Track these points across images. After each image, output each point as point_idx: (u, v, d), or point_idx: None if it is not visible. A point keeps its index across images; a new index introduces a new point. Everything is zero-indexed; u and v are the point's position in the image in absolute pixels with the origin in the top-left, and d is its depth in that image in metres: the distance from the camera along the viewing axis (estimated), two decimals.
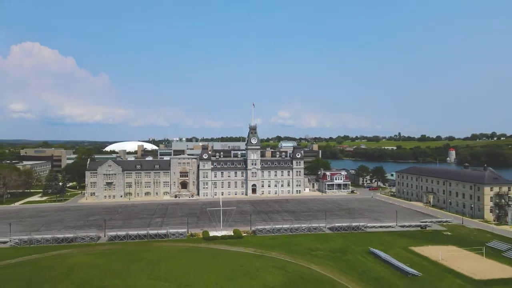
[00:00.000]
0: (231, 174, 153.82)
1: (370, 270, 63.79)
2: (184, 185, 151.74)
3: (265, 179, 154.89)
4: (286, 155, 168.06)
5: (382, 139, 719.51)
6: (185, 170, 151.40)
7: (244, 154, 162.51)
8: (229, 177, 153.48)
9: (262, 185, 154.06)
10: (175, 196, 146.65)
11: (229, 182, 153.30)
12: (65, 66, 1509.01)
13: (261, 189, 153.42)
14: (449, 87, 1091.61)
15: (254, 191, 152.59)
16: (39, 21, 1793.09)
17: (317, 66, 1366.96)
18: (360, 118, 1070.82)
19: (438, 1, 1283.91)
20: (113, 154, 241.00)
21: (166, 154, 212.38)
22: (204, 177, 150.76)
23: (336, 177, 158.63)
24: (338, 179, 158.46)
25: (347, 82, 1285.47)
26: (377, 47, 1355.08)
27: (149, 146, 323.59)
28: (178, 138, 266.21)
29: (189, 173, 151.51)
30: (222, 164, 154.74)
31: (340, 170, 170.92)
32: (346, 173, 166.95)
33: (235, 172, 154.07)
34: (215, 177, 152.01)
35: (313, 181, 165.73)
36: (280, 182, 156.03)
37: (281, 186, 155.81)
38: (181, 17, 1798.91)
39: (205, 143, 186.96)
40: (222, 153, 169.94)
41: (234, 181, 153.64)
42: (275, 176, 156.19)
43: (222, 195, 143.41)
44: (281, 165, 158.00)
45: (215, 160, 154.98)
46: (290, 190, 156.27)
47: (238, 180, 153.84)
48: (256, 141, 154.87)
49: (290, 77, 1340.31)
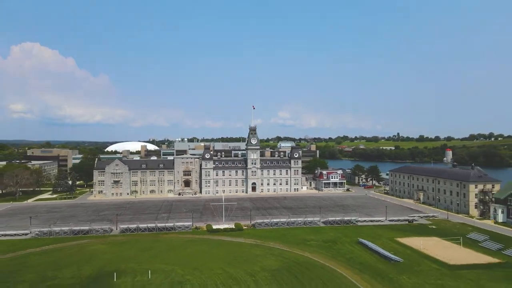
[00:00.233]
0: (232, 173, 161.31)
1: (357, 257, 71.32)
2: (187, 184, 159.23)
3: (265, 178, 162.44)
4: (285, 155, 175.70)
5: (381, 140, 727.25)
6: (188, 169, 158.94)
7: (244, 154, 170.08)
8: (230, 176, 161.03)
9: (262, 184, 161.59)
10: (179, 194, 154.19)
11: (230, 181, 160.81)
12: (65, 67, 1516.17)
13: (261, 187, 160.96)
14: (449, 88, 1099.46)
15: (254, 189, 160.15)
16: (39, 22, 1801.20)
17: (317, 67, 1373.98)
18: (360, 119, 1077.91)
19: (436, 2, 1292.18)
20: (118, 154, 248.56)
21: (169, 154, 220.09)
22: (206, 176, 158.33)
23: (332, 176, 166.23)
24: (334, 178, 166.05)
25: (347, 83, 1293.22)
26: (377, 48, 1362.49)
27: (150, 147, 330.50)
28: (180, 139, 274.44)
29: (192, 172, 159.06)
30: (224, 164, 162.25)
31: (336, 170, 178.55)
32: (342, 172, 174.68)
33: (236, 171, 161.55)
34: (217, 176, 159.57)
35: (310, 180, 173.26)
36: (279, 181, 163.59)
37: (280, 184, 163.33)
38: (181, 18, 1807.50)
39: (207, 144, 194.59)
40: (223, 153, 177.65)
41: (235, 180, 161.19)
42: (274, 175, 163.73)
43: (224, 193, 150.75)
44: (280, 165, 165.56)
45: (217, 160, 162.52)
46: (288, 188, 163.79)
47: (239, 179, 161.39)
48: (256, 142, 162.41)
49: (290, 78, 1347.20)
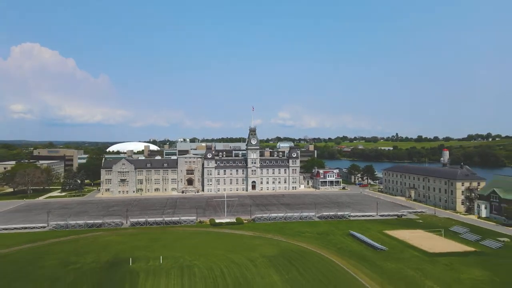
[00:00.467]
0: (233, 172, 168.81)
1: (347, 246, 78.82)
2: (190, 182, 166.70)
3: (264, 177, 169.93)
4: (283, 155, 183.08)
5: (380, 140, 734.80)
6: (191, 168, 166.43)
7: (245, 154, 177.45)
8: (231, 175, 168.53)
9: (261, 182, 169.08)
10: (182, 192, 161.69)
11: (231, 179, 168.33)
12: (66, 67, 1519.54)
13: (260, 186, 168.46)
14: (449, 88, 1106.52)
15: (254, 187, 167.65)
16: (39, 22, 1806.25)
17: (317, 67, 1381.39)
18: (360, 119, 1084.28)
19: (434, 3, 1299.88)
20: (122, 154, 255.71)
21: (171, 154, 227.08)
22: (208, 175, 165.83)
23: (329, 175, 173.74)
24: (331, 177, 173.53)
25: (348, 84, 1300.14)
26: (377, 48, 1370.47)
27: (152, 147, 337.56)
28: (182, 139, 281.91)
29: (195, 171, 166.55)
30: (225, 163, 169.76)
31: (333, 169, 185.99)
32: (338, 171, 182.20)
33: (237, 170, 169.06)
34: (218, 175, 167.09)
35: (308, 179, 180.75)
36: (278, 179, 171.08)
37: (278, 183, 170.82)
38: (181, 18, 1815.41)
39: (209, 144, 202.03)
40: (224, 153, 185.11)
41: (236, 178, 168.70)
42: (273, 174, 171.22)
43: (225, 191, 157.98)
44: (279, 164, 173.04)
45: (218, 159, 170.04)
46: (287, 187, 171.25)
47: (239, 177, 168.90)
48: (256, 142, 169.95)
49: (290, 78, 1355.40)
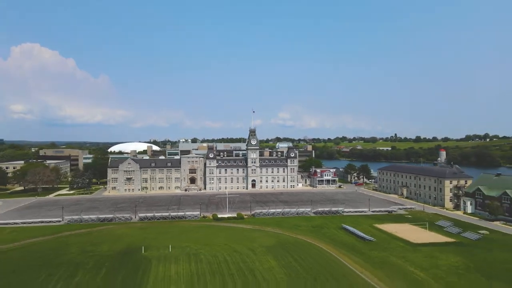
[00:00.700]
0: (234, 171, 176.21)
1: (339, 238, 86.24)
2: (193, 180, 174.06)
3: (263, 175, 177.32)
4: (282, 155, 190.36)
5: (379, 140, 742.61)
6: (194, 167, 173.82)
7: (245, 154, 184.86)
8: (232, 174, 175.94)
9: (261, 181, 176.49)
10: (185, 190, 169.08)
11: (232, 178, 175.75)
12: (66, 67, 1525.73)
13: (260, 184, 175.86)
14: (449, 89, 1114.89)
15: (254, 186, 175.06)
16: (39, 23, 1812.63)
17: (318, 68, 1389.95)
18: (360, 120, 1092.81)
19: (434, 3, 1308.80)
20: (125, 155, 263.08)
21: (174, 154, 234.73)
22: (210, 174, 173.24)
23: (325, 174, 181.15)
24: (327, 176, 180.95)
25: (348, 84, 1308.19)
26: (377, 48, 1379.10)
27: (154, 147, 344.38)
28: (184, 139, 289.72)
29: (197, 170, 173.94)
30: (226, 162, 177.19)
31: (329, 168, 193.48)
32: (335, 171, 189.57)
33: (237, 169, 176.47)
34: (220, 174, 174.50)
35: (306, 177, 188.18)
36: (276, 178, 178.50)
37: (277, 182, 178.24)
38: (182, 19, 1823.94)
39: (211, 144, 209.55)
40: (225, 153, 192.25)
41: (236, 177, 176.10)
42: (272, 173, 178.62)
43: (226, 189, 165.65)
44: (277, 163, 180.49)
45: (220, 159, 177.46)
46: (285, 185, 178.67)
47: (240, 176, 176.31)
48: (256, 142, 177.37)
49: (290, 79, 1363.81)
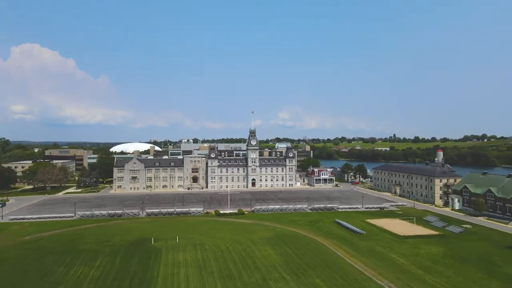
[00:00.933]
0: (234, 170, 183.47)
1: (332, 231, 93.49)
2: (195, 179, 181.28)
3: (263, 175, 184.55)
4: (281, 155, 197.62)
5: (378, 141, 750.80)
6: (196, 167, 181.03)
7: (245, 154, 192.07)
8: (233, 173, 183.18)
9: (260, 179, 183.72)
10: (188, 188, 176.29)
11: (233, 177, 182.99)
12: (66, 68, 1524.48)
13: (260, 183, 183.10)
14: (449, 89, 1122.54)
15: (254, 184, 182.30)
16: (39, 23, 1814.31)
17: (318, 69, 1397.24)
18: (360, 120, 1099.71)
19: (432, 5, 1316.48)
20: (128, 154, 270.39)
21: (176, 154, 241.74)
22: (212, 173, 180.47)
23: (323, 173, 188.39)
24: (324, 175, 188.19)
25: (348, 84, 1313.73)
26: (378, 49, 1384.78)
27: (149, 147, 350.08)
28: (186, 140, 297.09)
29: (199, 169, 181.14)
30: (227, 162, 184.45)
31: (327, 167, 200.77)
32: (332, 170, 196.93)
33: (238, 169, 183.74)
34: (221, 173, 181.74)
35: (304, 177, 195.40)
36: (275, 177, 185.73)
37: (276, 180, 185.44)
38: (182, 19, 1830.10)
39: (212, 145, 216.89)
40: (226, 153, 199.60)
41: (237, 176, 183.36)
42: (271, 172, 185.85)
43: (227, 188, 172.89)
44: (276, 163, 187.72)
45: (221, 159, 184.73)
46: (284, 184, 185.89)
47: (240, 175, 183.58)
48: (255, 143, 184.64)
49: (290, 79, 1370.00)
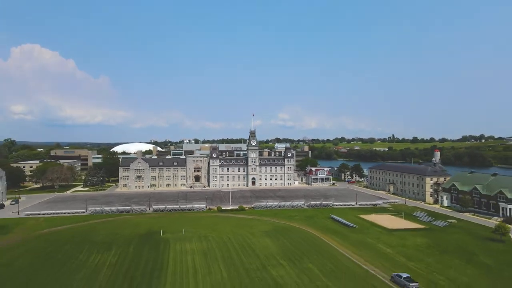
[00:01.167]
0: (235, 170, 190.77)
1: (326, 225, 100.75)
2: (197, 178, 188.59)
3: (262, 174, 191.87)
4: (280, 155, 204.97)
5: (377, 141, 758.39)
6: (198, 166, 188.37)
7: (246, 154, 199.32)
8: (233, 172, 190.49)
9: (260, 178, 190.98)
10: (191, 187, 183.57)
11: (233, 176, 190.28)
12: (66, 68, 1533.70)
13: (259, 182, 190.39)
14: (449, 91, 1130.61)
15: (254, 183, 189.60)
16: (39, 23, 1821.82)
17: (318, 69, 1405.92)
18: (360, 121, 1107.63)
19: (430, 6, 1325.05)
20: (132, 154, 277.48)
21: (179, 154, 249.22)
22: (213, 172, 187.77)
23: (320, 172, 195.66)
24: (321, 174, 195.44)
25: (348, 85, 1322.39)
26: (378, 49, 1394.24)
27: (150, 147, 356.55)
28: (188, 140, 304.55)
29: (201, 169, 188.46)
30: (228, 162, 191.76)
31: (324, 167, 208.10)
32: (329, 169, 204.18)
33: (238, 168, 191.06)
34: (222, 172, 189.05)
35: (302, 176, 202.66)
36: (275, 176, 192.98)
37: (275, 179, 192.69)
38: (182, 19, 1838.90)
39: (214, 145, 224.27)
40: (227, 153, 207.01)
41: (237, 175, 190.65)
42: (271, 171, 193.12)
43: (228, 186, 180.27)
44: (275, 163, 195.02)
45: (222, 158, 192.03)
46: (283, 183, 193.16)
47: (241, 174, 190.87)
48: (255, 143, 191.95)
49: (290, 80, 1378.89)
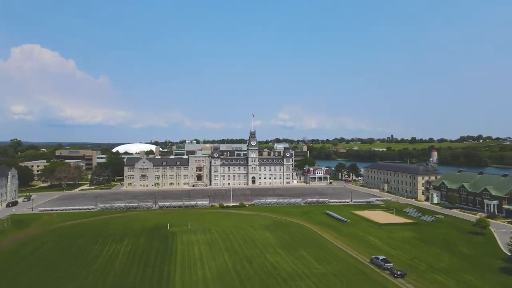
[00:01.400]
0: (236, 169, 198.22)
1: (321, 220, 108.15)
2: (199, 177, 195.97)
3: (262, 173, 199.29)
4: (279, 154, 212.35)
5: (376, 142, 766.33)
6: (200, 166, 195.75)
7: (246, 154, 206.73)
8: (234, 171, 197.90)
9: (260, 177, 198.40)
10: (193, 186, 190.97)
11: (234, 175, 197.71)
12: (66, 69, 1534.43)
13: (259, 180, 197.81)
14: (448, 91, 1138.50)
15: (254, 182, 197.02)
16: (40, 24, 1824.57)
17: (318, 69, 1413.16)
18: (360, 121, 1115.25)
19: (429, 6, 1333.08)
20: (134, 154, 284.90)
21: (181, 154, 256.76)
22: (215, 171, 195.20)
23: (317, 172, 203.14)
24: (319, 173, 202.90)
25: (348, 85, 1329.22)
26: (378, 49, 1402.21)
27: (150, 147, 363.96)
28: (190, 141, 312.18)
29: (203, 168, 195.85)
30: (229, 161, 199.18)
31: (321, 167, 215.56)
32: (326, 169, 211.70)
33: (239, 167, 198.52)
34: (223, 171, 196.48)
35: (300, 175, 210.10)
36: (274, 175, 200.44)
37: (274, 178, 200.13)
38: (182, 19, 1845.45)
39: (216, 145, 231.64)
40: (228, 153, 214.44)
41: (238, 174, 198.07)
42: (270, 171, 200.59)
43: (229, 185, 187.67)
44: (275, 162, 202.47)
45: (223, 158, 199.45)
46: (282, 181, 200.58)
47: (241, 173, 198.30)
48: (255, 143, 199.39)
49: (291, 80, 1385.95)
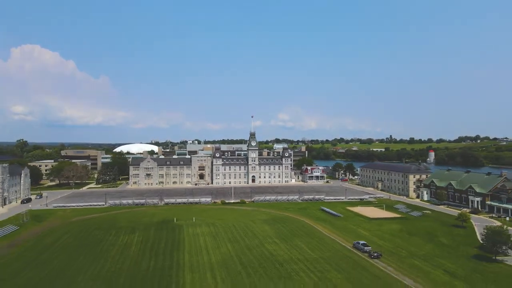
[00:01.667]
0: (236, 168, 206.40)
1: (317, 215, 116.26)
2: (201, 176, 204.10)
3: (262, 172, 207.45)
4: (278, 154, 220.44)
5: (375, 142, 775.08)
6: (202, 165, 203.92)
7: (246, 154, 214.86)
8: (235, 170, 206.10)
9: (259, 176, 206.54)
10: (195, 184, 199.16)
11: (235, 174, 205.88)
12: (66, 69, 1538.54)
13: (259, 179, 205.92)
14: (447, 92, 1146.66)
15: (254, 181, 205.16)
16: (40, 24, 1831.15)
17: (317, 69, 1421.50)
18: (360, 121, 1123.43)
19: (428, 7, 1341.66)
20: (137, 155, 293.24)
21: (183, 154, 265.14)
22: (216, 170, 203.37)
23: (315, 171, 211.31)
24: (316, 172, 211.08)
25: (348, 85, 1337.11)
26: (378, 49, 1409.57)
27: (151, 147, 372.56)
28: (191, 141, 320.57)
29: (205, 167, 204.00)
30: (230, 161, 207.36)
31: (319, 166, 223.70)
32: (324, 168, 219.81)
33: (239, 167, 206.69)
34: (224, 170, 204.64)
35: (298, 174, 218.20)
36: (273, 174, 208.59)
37: (273, 177, 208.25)
38: (182, 19, 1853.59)
39: (217, 145, 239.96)
40: (229, 153, 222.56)
41: (239, 173, 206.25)
42: (269, 170, 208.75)
43: (230, 184, 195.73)
44: (274, 162, 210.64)
45: (224, 158, 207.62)
46: (280, 180, 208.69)
47: (242, 173, 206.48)
48: (255, 144, 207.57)
49: (290, 80, 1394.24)
